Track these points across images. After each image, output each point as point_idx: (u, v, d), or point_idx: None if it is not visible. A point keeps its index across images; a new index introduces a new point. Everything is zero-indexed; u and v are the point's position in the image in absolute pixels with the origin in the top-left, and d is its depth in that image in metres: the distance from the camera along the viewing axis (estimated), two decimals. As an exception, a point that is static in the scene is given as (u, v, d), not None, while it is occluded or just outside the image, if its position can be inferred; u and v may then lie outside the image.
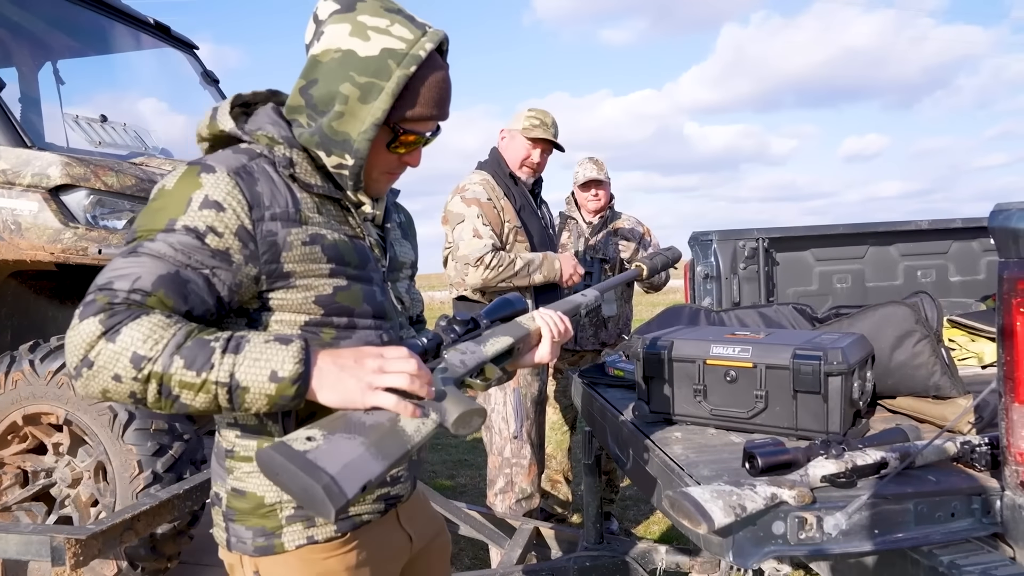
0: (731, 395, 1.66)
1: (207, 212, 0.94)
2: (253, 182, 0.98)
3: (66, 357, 0.88)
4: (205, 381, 0.86)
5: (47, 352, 2.41)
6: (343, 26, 1.00)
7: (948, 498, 1.25)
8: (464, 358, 1.05)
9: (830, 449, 1.29)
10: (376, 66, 0.99)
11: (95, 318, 0.86)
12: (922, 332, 1.73)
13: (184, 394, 0.86)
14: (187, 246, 0.92)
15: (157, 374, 0.85)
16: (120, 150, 3.11)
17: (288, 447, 0.84)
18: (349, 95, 0.99)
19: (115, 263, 0.91)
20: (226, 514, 1.08)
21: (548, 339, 1.20)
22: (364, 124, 1.00)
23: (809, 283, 3.17)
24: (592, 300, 1.41)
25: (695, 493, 1.17)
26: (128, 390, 0.86)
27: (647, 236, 3.54)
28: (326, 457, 0.83)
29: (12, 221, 2.45)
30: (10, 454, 2.50)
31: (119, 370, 0.84)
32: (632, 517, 3.70)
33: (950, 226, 3.21)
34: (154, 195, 0.97)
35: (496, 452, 2.79)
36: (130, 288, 0.88)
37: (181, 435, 2.42)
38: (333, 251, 1.03)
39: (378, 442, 0.87)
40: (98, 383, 0.85)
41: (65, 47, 3.60)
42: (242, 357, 0.87)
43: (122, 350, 0.84)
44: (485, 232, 2.60)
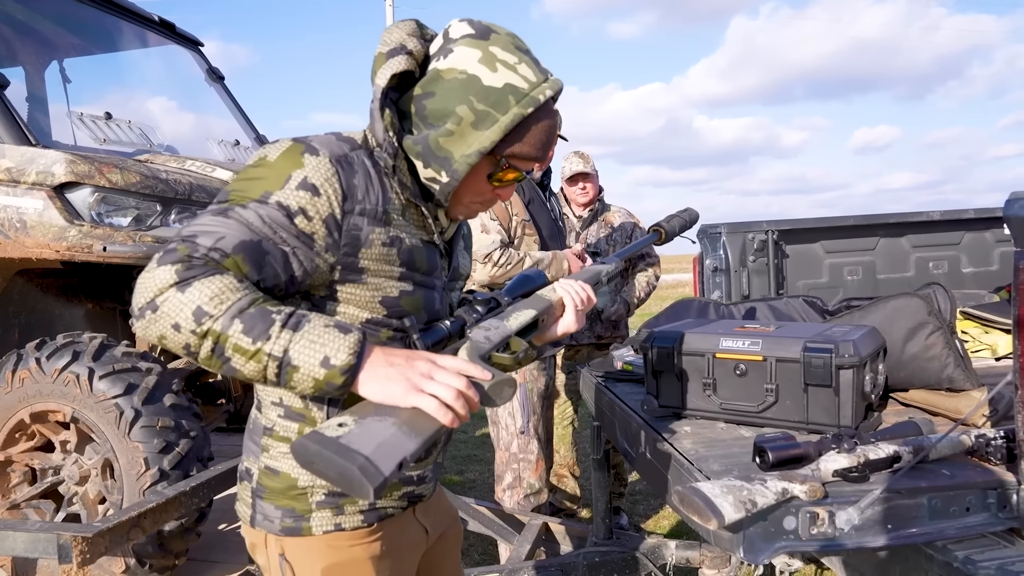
0: (741, 389, 1.64)
1: (303, 193, 0.95)
2: (352, 173, 1.00)
3: (134, 298, 0.89)
4: (259, 350, 0.87)
5: (54, 350, 2.41)
6: (474, 51, 1.02)
7: (963, 492, 1.23)
8: (488, 334, 1.04)
9: (842, 443, 1.28)
10: (496, 97, 1.00)
11: (172, 266, 0.87)
12: (935, 324, 1.70)
13: (235, 358, 0.88)
14: (275, 221, 0.94)
15: (215, 332, 0.86)
16: (125, 147, 3.11)
17: (321, 435, 0.84)
18: (464, 117, 1.01)
19: (203, 219, 0.93)
20: (255, 490, 1.09)
21: (572, 308, 1.20)
22: (469, 148, 1.01)
23: (819, 275, 3.14)
24: (613, 268, 1.40)
25: (705, 488, 1.15)
26: (184, 341, 0.87)
27: (638, 228, 3.54)
28: (359, 440, 0.83)
29: (17, 219, 2.45)
30: (18, 452, 2.50)
31: (180, 320, 0.86)
32: (642, 512, 3.68)
33: (962, 217, 3.18)
34: (254, 162, 0.99)
35: (503, 447, 2.78)
36: (211, 246, 0.90)
37: (188, 432, 2.42)
38: (407, 256, 1.05)
39: (410, 420, 0.87)
40: (157, 328, 0.87)
41: (71, 45, 3.61)
42: (300, 336, 0.88)
43: (188, 302, 0.86)
44: (493, 227, 2.59)
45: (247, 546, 1.15)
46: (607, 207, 3.54)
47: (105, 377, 2.34)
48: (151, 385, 2.38)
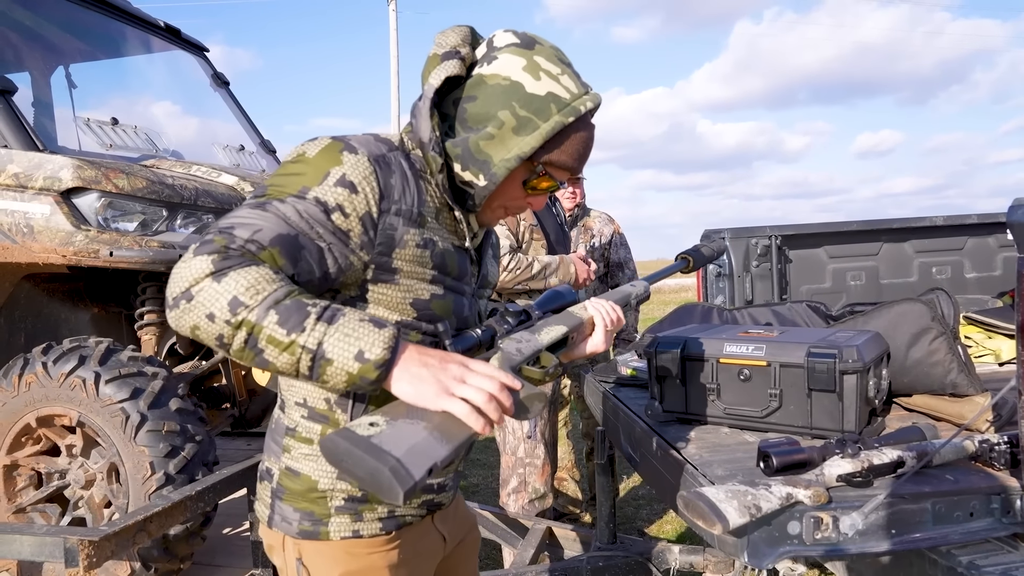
0: (745, 394, 1.64)
1: (341, 190, 0.96)
2: (389, 173, 1.00)
3: (169, 287, 0.88)
4: (293, 342, 0.86)
5: (60, 354, 2.42)
6: (519, 59, 1.03)
7: (967, 497, 1.23)
8: (520, 346, 1.04)
9: (846, 448, 1.28)
10: (539, 105, 1.02)
11: (208, 257, 0.87)
12: (938, 329, 1.70)
13: (269, 350, 0.87)
14: (313, 216, 0.94)
15: (249, 323, 0.86)
16: (131, 152, 3.13)
17: (352, 432, 0.83)
18: (505, 122, 1.02)
19: (241, 211, 0.93)
20: (275, 491, 1.09)
21: (601, 328, 1.19)
22: (509, 153, 1.03)
23: (823, 281, 3.14)
24: (642, 291, 1.40)
25: (709, 493, 1.15)
26: (217, 331, 0.86)
27: (617, 233, 3.57)
28: (391, 441, 0.82)
29: (25, 224, 2.47)
30: (24, 456, 2.52)
31: (215, 310, 0.85)
32: (646, 516, 3.68)
33: (965, 222, 3.18)
34: (293, 158, 0.99)
35: (510, 452, 2.79)
36: (248, 238, 0.90)
37: (193, 437, 2.43)
38: (440, 259, 1.06)
39: (441, 425, 0.87)
40: (191, 318, 0.87)
41: (77, 51, 3.63)
42: (334, 329, 0.87)
43: (224, 291, 0.85)
44: (502, 232, 2.61)
45: (264, 547, 1.15)
46: (587, 212, 3.57)
47: (111, 381, 2.36)
48: (157, 389, 2.40)
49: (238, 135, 4.01)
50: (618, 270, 3.60)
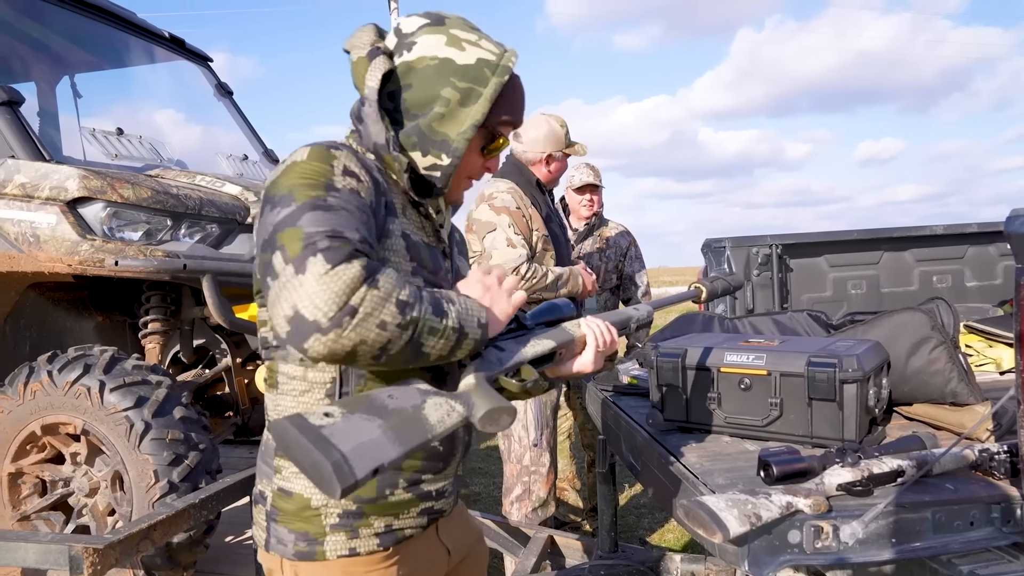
0: (746, 403, 1.65)
1: (350, 179, 0.96)
2: (369, 168, 1.02)
3: (308, 309, 0.80)
4: (446, 327, 0.89)
5: (65, 363, 2.43)
6: (438, 37, 1.06)
7: (967, 507, 1.23)
8: (502, 356, 1.03)
9: (846, 457, 1.28)
10: (475, 73, 1.06)
11: (351, 264, 0.82)
12: (938, 339, 1.71)
13: (427, 341, 0.88)
14: (360, 204, 0.94)
15: (415, 320, 0.85)
16: (135, 162, 3.15)
17: (304, 420, 0.81)
18: (450, 98, 1.05)
19: (313, 215, 0.87)
20: (269, 513, 1.07)
21: (592, 348, 1.16)
22: (463, 125, 1.06)
23: (823, 289, 3.15)
24: (644, 315, 1.35)
25: (710, 502, 1.16)
26: (386, 338, 0.84)
27: (633, 246, 3.57)
28: (341, 434, 0.80)
29: (31, 233, 2.49)
30: (29, 464, 2.53)
31: (385, 316, 0.83)
32: (647, 525, 3.68)
33: (966, 231, 3.19)
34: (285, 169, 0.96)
35: (515, 460, 2.78)
36: (360, 238, 0.88)
37: (197, 445, 2.44)
38: (416, 252, 1.06)
39: (397, 427, 0.85)
40: (360, 333, 0.82)
41: (82, 61, 3.66)
42: (459, 307, 0.92)
43: (387, 296, 0.83)
44: (518, 242, 2.61)
45: (264, 571, 1.12)
46: (604, 222, 3.57)
47: (116, 390, 2.37)
48: (161, 398, 2.41)
49: (241, 144, 4.04)
50: (630, 283, 3.58)
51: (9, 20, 3.03)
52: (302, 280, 0.81)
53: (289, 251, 0.84)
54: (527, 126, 2.82)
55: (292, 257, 0.83)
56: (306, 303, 0.80)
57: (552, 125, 2.81)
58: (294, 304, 0.81)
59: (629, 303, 3.51)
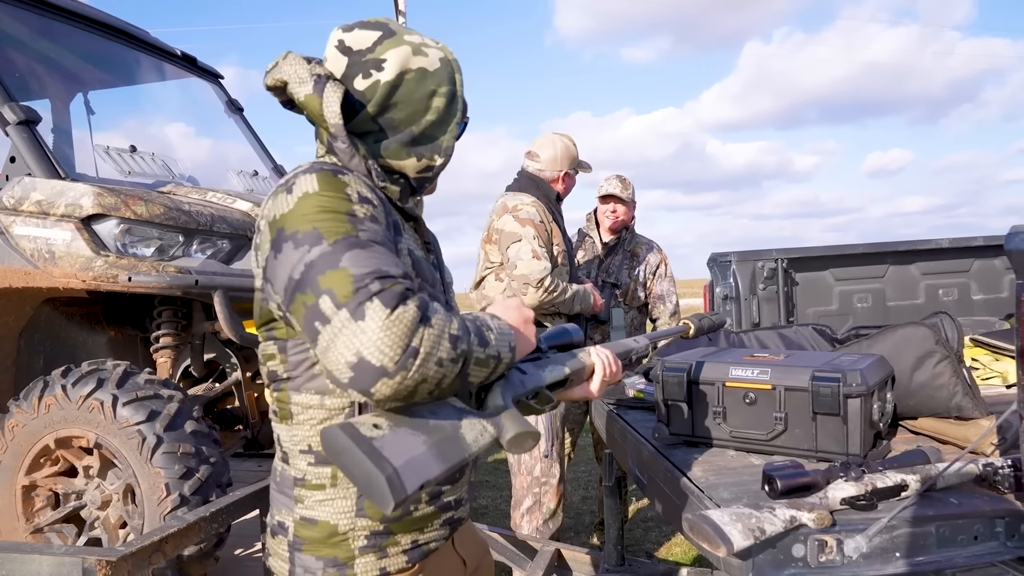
0: (751, 417, 1.67)
1: (366, 206, 0.96)
2: (374, 188, 1.03)
3: (375, 356, 0.80)
4: (488, 356, 0.92)
5: (79, 377, 2.47)
6: (403, 49, 1.07)
7: (971, 521, 1.24)
8: (524, 379, 1.07)
9: (850, 471, 1.29)
10: (444, 74, 1.11)
11: (408, 306, 0.83)
12: (942, 353, 1.72)
13: (474, 371, 0.90)
14: (385, 233, 0.95)
15: (465, 352, 0.87)
16: (148, 179, 3.19)
17: (356, 430, 0.82)
18: (440, 106, 1.10)
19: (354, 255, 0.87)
20: (292, 544, 1.05)
21: (599, 377, 1.20)
22: (451, 126, 1.12)
23: (829, 303, 3.16)
24: (643, 347, 1.41)
25: (714, 516, 1.17)
26: (442, 374, 0.85)
27: (663, 265, 3.47)
28: (391, 447, 0.82)
29: (47, 250, 2.53)
30: (42, 477, 2.55)
31: (442, 353, 0.84)
32: (654, 539, 3.67)
33: (971, 244, 3.19)
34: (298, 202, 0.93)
35: (525, 472, 2.79)
36: (403, 273, 0.88)
37: (207, 458, 2.46)
38: (420, 267, 1.07)
39: (439, 443, 0.87)
40: (422, 372, 0.83)
41: (96, 79, 3.72)
42: (496, 333, 0.95)
43: (440, 333, 0.84)
44: (542, 253, 2.65)
45: None
46: (636, 238, 3.48)
47: (128, 404, 2.40)
48: (172, 412, 2.43)
49: (252, 160, 4.08)
50: (659, 302, 3.46)
51: (26, 40, 3.09)
52: (363, 327, 0.81)
53: (339, 295, 0.83)
54: (543, 146, 2.90)
55: (344, 302, 0.82)
56: (371, 349, 0.80)
57: (567, 144, 2.91)
58: (357, 351, 0.81)
59: (657, 323, 3.48)
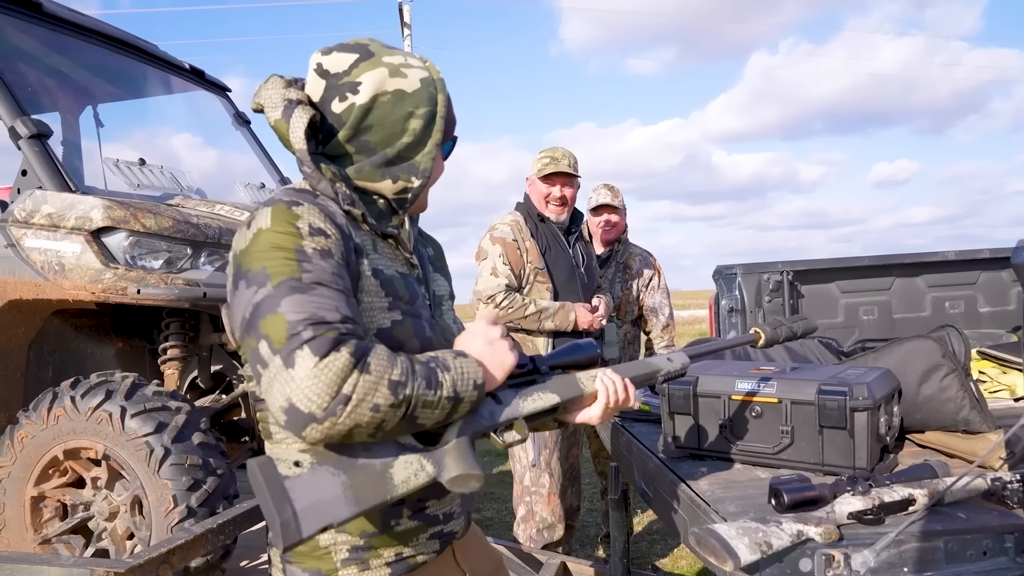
0: (757, 430, 1.66)
1: (319, 238, 0.96)
2: (331, 214, 1.01)
3: (303, 403, 0.82)
4: (440, 398, 0.91)
5: (87, 388, 2.48)
6: (380, 71, 1.06)
7: (979, 536, 1.23)
8: (496, 410, 1.02)
9: (857, 485, 1.29)
10: (424, 95, 1.09)
11: (339, 352, 0.84)
12: (949, 366, 1.72)
13: (423, 414, 0.90)
14: (334, 268, 0.94)
15: (408, 397, 0.88)
16: (156, 192, 3.22)
17: (273, 467, 0.86)
18: (416, 127, 1.08)
19: (293, 300, 0.88)
20: (283, 556, 1.08)
21: (602, 405, 1.13)
22: (427, 147, 1.10)
23: (835, 315, 3.15)
24: (678, 367, 1.28)
25: (721, 530, 1.17)
26: (380, 419, 0.86)
27: (656, 276, 3.39)
28: (300, 489, 0.85)
29: (57, 262, 2.55)
30: (51, 488, 2.57)
31: (378, 400, 0.85)
32: (660, 551, 3.66)
33: (978, 256, 3.18)
34: (253, 239, 0.95)
35: (518, 480, 2.83)
36: (341, 318, 0.88)
37: (215, 470, 2.47)
38: (391, 286, 1.06)
39: (358, 485, 0.88)
40: (354, 418, 0.84)
41: (106, 92, 3.76)
42: (453, 373, 0.94)
43: (378, 379, 0.85)
44: (503, 271, 2.69)
45: None
46: (629, 249, 3.40)
47: (136, 416, 2.41)
48: (180, 424, 2.44)
49: (259, 172, 4.11)
50: (652, 315, 3.36)
51: (38, 54, 3.13)
52: (292, 374, 0.83)
53: (275, 341, 0.85)
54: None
55: (279, 348, 0.85)
56: (299, 396, 0.82)
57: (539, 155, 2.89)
58: (288, 397, 0.83)
59: (650, 335, 3.41)
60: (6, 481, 2.57)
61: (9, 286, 2.60)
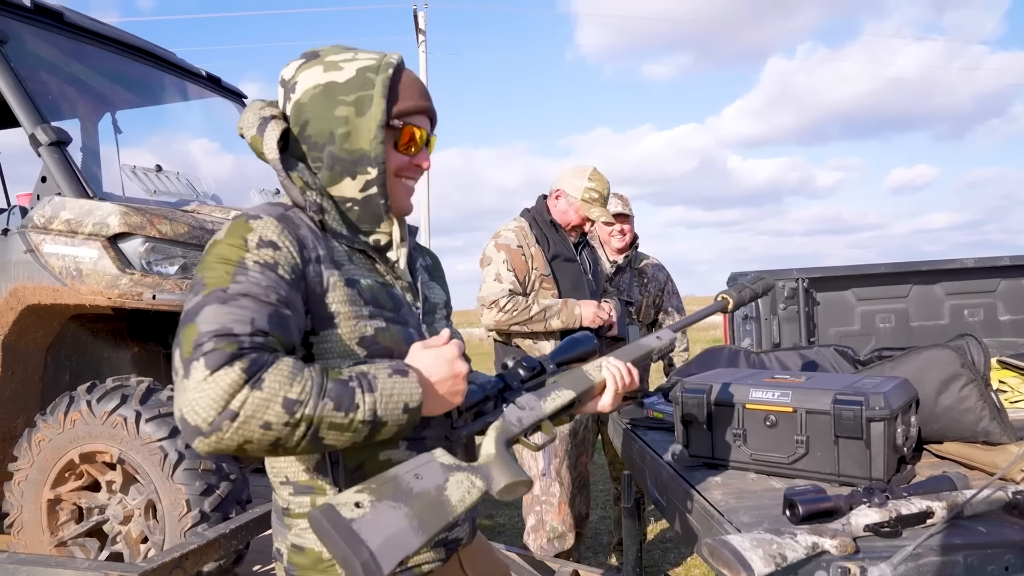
0: (771, 440, 1.65)
1: (266, 251, 0.95)
2: (296, 227, 1.01)
3: (190, 415, 0.82)
4: (352, 420, 0.88)
5: (103, 393, 2.50)
6: (315, 69, 1.08)
7: (1001, 551, 1.21)
8: (522, 415, 1.06)
9: (873, 497, 1.27)
10: (359, 82, 1.06)
11: (232, 367, 0.82)
12: (968, 376, 1.69)
13: (330, 435, 0.87)
14: (271, 281, 0.93)
15: (308, 417, 0.85)
16: (172, 198, 3.25)
17: (336, 513, 0.86)
18: (347, 115, 1.06)
19: (210, 310, 0.87)
20: (287, 570, 1.09)
21: (612, 391, 1.19)
22: (371, 132, 1.06)
23: (851, 323, 3.12)
24: (666, 344, 1.37)
25: (735, 541, 1.16)
26: (274, 437, 0.84)
27: (669, 281, 3.48)
28: (369, 528, 0.85)
29: (74, 268, 2.57)
30: (67, 491, 2.59)
31: (270, 417, 0.83)
32: (673, 560, 3.63)
33: (997, 264, 3.14)
34: (208, 250, 0.98)
35: None
36: (252, 331, 0.87)
37: (228, 475, 2.48)
38: (370, 294, 1.06)
39: (421, 513, 0.89)
40: (242, 434, 0.83)
41: (124, 99, 3.80)
42: (379, 395, 0.90)
43: (271, 396, 0.83)
44: (507, 277, 2.69)
45: None
46: (642, 256, 3.49)
47: (151, 420, 2.43)
48: (194, 428, 2.45)
49: (273, 179, 4.13)
50: (669, 318, 3.46)
51: (58, 62, 3.17)
52: (186, 385, 0.83)
53: (184, 350, 0.85)
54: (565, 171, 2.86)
55: (186, 357, 0.84)
56: (187, 408, 0.82)
57: (581, 171, 2.81)
58: (179, 407, 0.83)
59: None
60: (23, 484, 2.60)
61: (28, 291, 2.63)
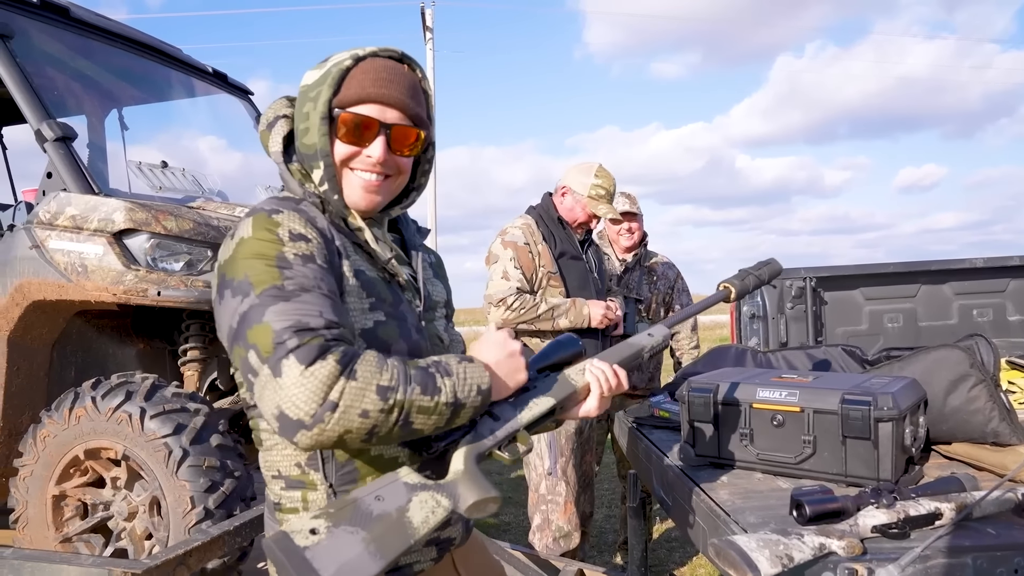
0: (778, 439, 1.64)
1: (300, 244, 0.97)
2: (313, 219, 1.03)
3: (290, 410, 0.84)
4: (437, 403, 0.91)
5: (108, 389, 2.50)
6: (310, 71, 1.10)
7: (1010, 553, 1.19)
8: (495, 426, 1.02)
9: (881, 498, 1.26)
10: (322, 78, 1.07)
11: (326, 360, 0.85)
12: (977, 376, 1.68)
13: (418, 419, 0.90)
14: (315, 272, 0.94)
15: (400, 402, 0.88)
16: (178, 194, 3.25)
17: (289, 541, 0.84)
18: (308, 111, 1.07)
19: (277, 308, 0.88)
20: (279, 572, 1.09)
21: (596, 395, 1.13)
22: (315, 124, 1.06)
23: (859, 323, 3.10)
24: (659, 342, 1.29)
25: (741, 542, 1.15)
26: (371, 424, 0.86)
27: (679, 279, 3.47)
28: (323, 557, 0.83)
29: (80, 264, 2.58)
30: (72, 487, 2.59)
31: (367, 405, 0.85)
32: (678, 559, 3.62)
33: (1007, 264, 3.12)
34: (235, 248, 0.97)
35: (533, 488, 2.80)
36: (326, 323, 0.89)
37: (232, 472, 2.48)
38: (371, 287, 1.07)
39: (380, 537, 0.87)
40: (343, 424, 0.85)
41: (130, 96, 3.81)
42: (455, 379, 0.93)
43: (365, 385, 0.86)
44: (514, 275, 2.68)
45: None
46: (652, 254, 3.48)
47: (156, 417, 2.43)
48: (199, 425, 2.45)
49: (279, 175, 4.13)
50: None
51: (65, 59, 3.18)
52: (280, 383, 0.84)
53: (262, 350, 0.87)
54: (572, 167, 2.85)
55: (267, 357, 0.86)
56: (288, 404, 0.84)
57: (587, 167, 2.79)
58: (278, 404, 0.85)
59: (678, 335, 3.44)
60: (29, 479, 2.60)
61: (33, 287, 2.63)
